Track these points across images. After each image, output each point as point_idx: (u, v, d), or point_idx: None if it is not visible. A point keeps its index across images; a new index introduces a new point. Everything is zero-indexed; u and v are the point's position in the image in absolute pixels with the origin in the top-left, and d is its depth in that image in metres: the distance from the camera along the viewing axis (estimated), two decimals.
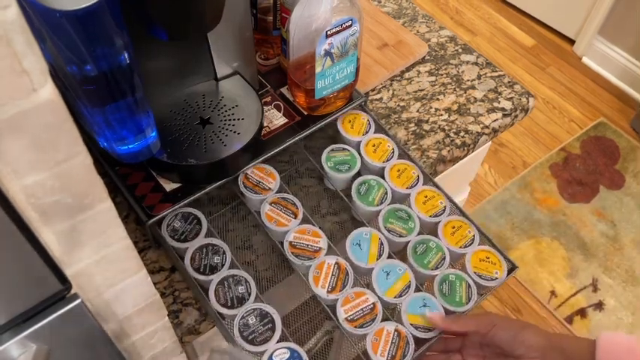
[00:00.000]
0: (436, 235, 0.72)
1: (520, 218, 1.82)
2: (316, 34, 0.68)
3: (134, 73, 0.54)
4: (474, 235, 0.72)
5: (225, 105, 0.74)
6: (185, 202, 0.69)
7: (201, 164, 0.68)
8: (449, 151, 0.84)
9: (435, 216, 0.73)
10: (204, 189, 0.70)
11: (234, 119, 0.73)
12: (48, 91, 0.31)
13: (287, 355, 0.62)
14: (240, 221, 0.75)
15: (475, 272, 0.69)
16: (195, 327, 0.67)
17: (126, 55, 0.52)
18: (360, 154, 0.77)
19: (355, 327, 0.64)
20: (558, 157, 1.98)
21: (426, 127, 0.86)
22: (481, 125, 0.87)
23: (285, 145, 0.75)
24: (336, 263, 0.68)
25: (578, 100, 2.16)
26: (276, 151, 0.74)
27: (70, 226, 0.38)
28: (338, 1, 0.68)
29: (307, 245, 0.69)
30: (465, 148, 0.85)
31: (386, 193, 0.74)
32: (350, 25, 0.69)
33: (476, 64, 0.96)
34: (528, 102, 0.91)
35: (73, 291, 0.42)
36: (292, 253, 0.68)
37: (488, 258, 0.70)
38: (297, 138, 0.75)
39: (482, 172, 1.93)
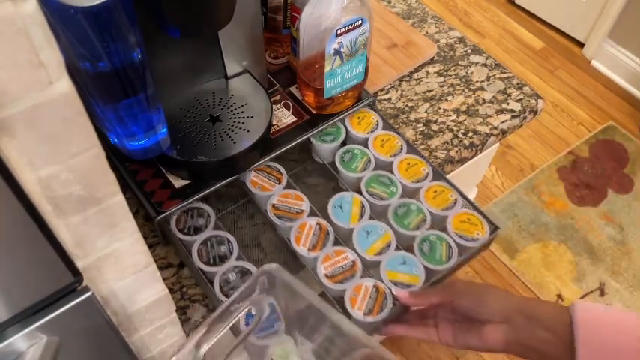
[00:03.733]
0: (418, 200, 0.73)
1: (527, 221, 1.81)
2: (326, 33, 0.68)
3: (146, 69, 0.55)
4: (455, 200, 0.73)
5: (234, 103, 0.75)
6: (194, 198, 0.69)
7: (210, 161, 0.69)
8: (457, 151, 0.84)
9: (417, 182, 0.74)
10: (213, 186, 0.71)
11: (243, 117, 0.73)
12: (64, 84, 0.31)
13: None
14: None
15: (456, 233, 0.70)
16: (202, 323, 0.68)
17: (138, 52, 0.52)
18: (346, 127, 0.79)
19: (334, 283, 0.65)
20: (566, 160, 1.97)
21: (435, 127, 0.87)
22: (489, 126, 0.87)
23: (293, 144, 0.75)
24: (318, 224, 0.69)
25: (587, 103, 2.15)
26: (284, 149, 0.75)
27: (82, 219, 0.39)
28: (348, 0, 0.68)
29: (290, 208, 0.70)
30: (474, 149, 0.85)
31: (369, 161, 0.76)
32: (360, 25, 0.70)
33: (485, 65, 0.96)
34: (537, 104, 0.91)
35: (84, 284, 0.42)
36: (275, 215, 0.70)
37: (469, 220, 0.72)
38: (305, 137, 0.76)
39: (490, 175, 1.93)
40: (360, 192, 0.73)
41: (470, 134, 0.86)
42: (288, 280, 0.53)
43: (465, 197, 0.73)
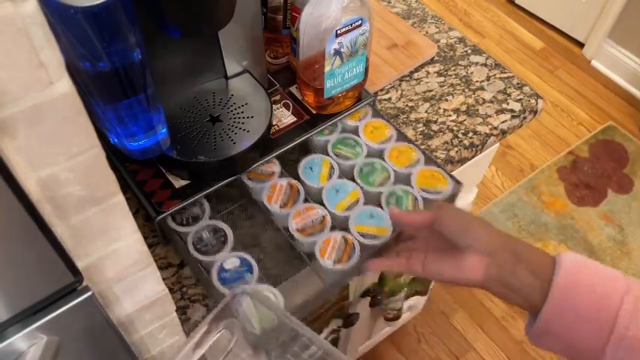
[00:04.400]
0: (382, 160, 0.76)
1: (527, 221, 1.81)
2: (326, 33, 0.68)
3: (146, 69, 0.55)
4: (418, 158, 0.76)
5: (234, 103, 0.75)
6: (194, 198, 0.69)
7: (210, 161, 0.69)
8: (457, 151, 0.84)
9: (382, 143, 0.77)
10: (213, 186, 0.71)
11: (243, 117, 0.73)
12: (64, 84, 0.31)
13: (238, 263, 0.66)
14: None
15: (420, 187, 0.73)
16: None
17: (138, 52, 0.52)
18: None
19: (305, 236, 0.68)
20: (566, 160, 1.97)
21: (435, 127, 0.87)
22: (489, 126, 0.87)
23: (293, 144, 0.75)
24: (289, 184, 0.72)
25: (586, 103, 2.15)
26: (284, 149, 0.75)
27: (82, 219, 0.39)
28: (348, 0, 0.68)
29: (262, 170, 0.73)
30: (474, 149, 0.85)
31: (336, 126, 0.79)
32: (360, 25, 0.70)
33: (485, 65, 0.96)
34: (537, 104, 0.91)
35: (84, 284, 0.42)
36: (247, 177, 0.72)
37: (433, 175, 0.75)
38: (305, 137, 0.76)
39: (490, 175, 1.93)
40: (328, 155, 0.76)
41: (470, 134, 0.86)
42: (262, 301, 0.54)
43: (427, 155, 0.76)
